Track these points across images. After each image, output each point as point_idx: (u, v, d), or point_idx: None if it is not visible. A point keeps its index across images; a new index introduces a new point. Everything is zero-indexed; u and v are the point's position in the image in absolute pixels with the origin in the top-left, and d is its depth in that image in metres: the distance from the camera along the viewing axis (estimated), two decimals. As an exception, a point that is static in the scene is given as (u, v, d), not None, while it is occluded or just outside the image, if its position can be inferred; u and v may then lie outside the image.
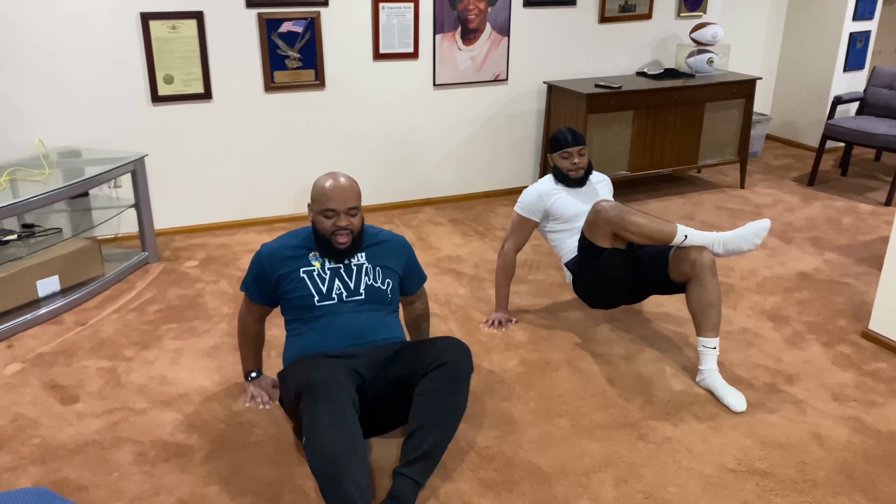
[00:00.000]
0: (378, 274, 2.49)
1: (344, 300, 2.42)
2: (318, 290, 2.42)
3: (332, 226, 2.37)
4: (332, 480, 1.94)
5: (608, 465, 2.31)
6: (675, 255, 2.76)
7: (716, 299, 2.69)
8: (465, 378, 2.24)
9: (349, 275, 2.45)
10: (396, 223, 4.41)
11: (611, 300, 3.01)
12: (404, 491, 2.05)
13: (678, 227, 2.69)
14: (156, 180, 4.07)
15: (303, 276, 2.42)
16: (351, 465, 1.96)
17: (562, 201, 3.09)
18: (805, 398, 2.67)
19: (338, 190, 2.37)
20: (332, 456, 1.96)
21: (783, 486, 2.22)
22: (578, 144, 3.09)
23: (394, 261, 2.55)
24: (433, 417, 2.14)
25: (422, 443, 2.11)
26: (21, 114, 3.72)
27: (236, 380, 2.77)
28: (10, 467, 2.29)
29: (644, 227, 2.71)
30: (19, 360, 2.90)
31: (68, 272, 3.37)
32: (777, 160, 5.68)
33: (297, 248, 2.46)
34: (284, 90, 4.17)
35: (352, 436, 2.02)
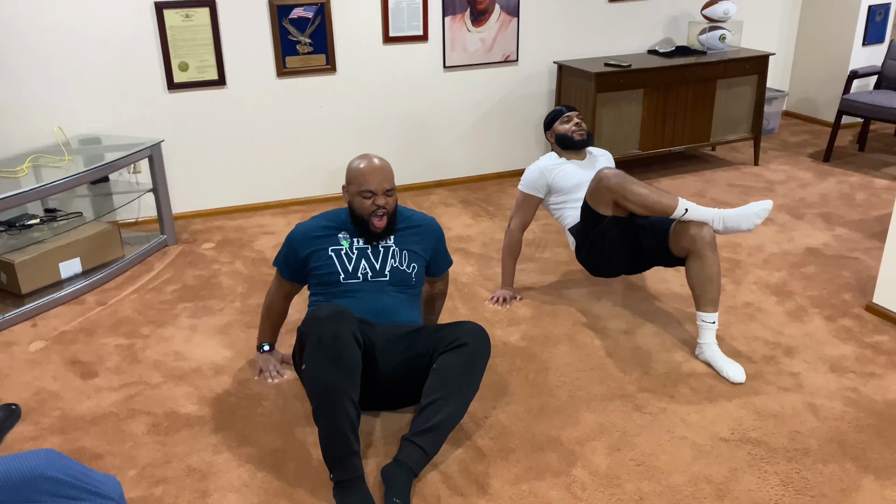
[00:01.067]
0: (404, 258, 2.56)
1: (368, 279, 2.51)
2: (345, 269, 2.51)
3: (372, 205, 2.46)
4: (325, 408, 2.07)
5: (602, 434, 2.37)
6: (676, 229, 2.79)
7: (715, 275, 2.72)
8: (483, 360, 2.30)
9: (376, 256, 2.54)
10: (409, 205, 4.48)
11: (611, 268, 3.04)
12: (411, 457, 2.12)
13: (679, 201, 2.71)
14: (173, 165, 4.19)
15: (331, 254, 2.52)
16: (343, 396, 2.06)
17: (563, 173, 3.14)
18: (803, 370, 2.69)
19: (374, 171, 2.46)
20: (328, 386, 2.07)
21: (774, 454, 2.26)
22: (574, 109, 3.23)
23: (422, 246, 2.62)
24: (448, 392, 2.21)
25: (434, 415, 2.17)
26: (42, 103, 3.85)
27: (247, 355, 2.87)
28: (31, 437, 2.42)
29: (645, 198, 2.73)
30: (43, 337, 3.04)
31: (89, 254, 3.50)
32: (794, 136, 5.63)
33: (328, 228, 2.56)
34: (296, 75, 4.26)
35: (347, 369, 2.10)
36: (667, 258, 2.88)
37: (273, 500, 2.12)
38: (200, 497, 2.14)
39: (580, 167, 3.19)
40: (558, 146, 3.24)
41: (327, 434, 2.06)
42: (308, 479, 2.20)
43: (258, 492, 2.15)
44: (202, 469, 2.26)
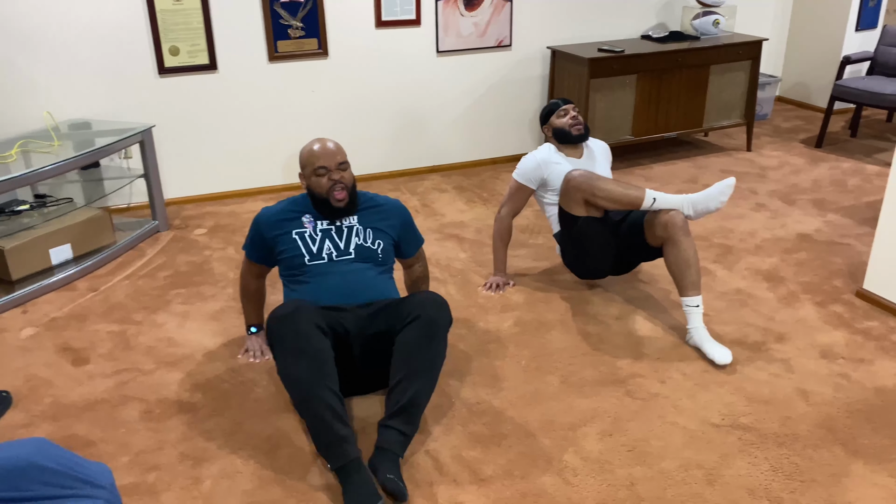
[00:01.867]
0: (369, 234, 2.58)
1: (334, 259, 2.53)
2: (309, 250, 2.53)
3: (328, 181, 2.49)
4: (303, 402, 2.10)
5: (594, 419, 2.39)
6: (648, 220, 2.86)
7: (692, 258, 2.76)
8: (441, 328, 2.30)
9: (339, 235, 2.56)
10: (402, 190, 4.47)
11: (596, 269, 3.10)
12: (389, 441, 2.14)
13: (647, 192, 2.79)
14: (165, 151, 4.16)
15: (294, 237, 2.54)
16: (319, 386, 2.10)
17: (560, 171, 3.13)
18: (794, 356, 2.71)
19: (324, 148, 2.51)
20: (300, 381, 2.11)
21: (764, 439, 2.28)
22: (569, 103, 3.20)
23: (386, 223, 2.64)
24: (411, 368, 2.23)
25: (403, 394, 2.19)
26: (31, 87, 3.81)
27: (240, 342, 2.87)
28: (23, 424, 2.42)
29: (612, 192, 2.81)
30: (34, 324, 3.02)
31: (80, 240, 3.48)
32: (787, 122, 5.64)
33: (292, 212, 2.59)
34: (288, 59, 4.22)
35: (317, 360, 2.13)
36: (647, 251, 2.95)
37: (266, 486, 2.13)
38: (193, 483, 2.14)
39: (576, 166, 3.18)
40: (556, 140, 3.23)
41: (313, 426, 2.09)
42: (301, 466, 2.20)
43: (251, 478, 2.16)
44: (195, 455, 2.26)
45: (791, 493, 2.07)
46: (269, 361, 2.73)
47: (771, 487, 2.09)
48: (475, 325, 2.95)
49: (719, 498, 2.05)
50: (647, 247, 2.90)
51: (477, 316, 3.02)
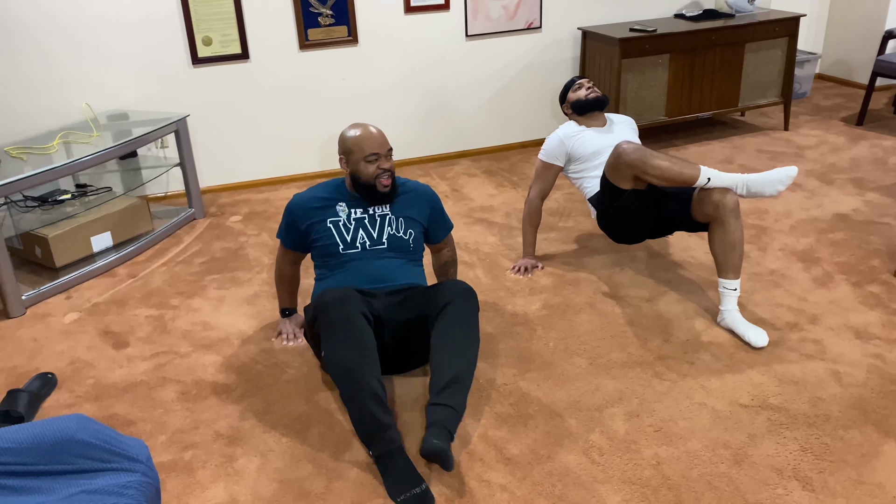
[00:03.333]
0: (401, 224, 2.61)
1: (367, 248, 2.56)
2: (343, 239, 2.56)
3: (377, 169, 2.52)
4: (350, 389, 2.12)
5: (621, 400, 2.39)
6: (699, 197, 2.75)
7: (738, 241, 2.69)
8: (471, 313, 2.34)
9: (373, 225, 2.59)
10: (432, 176, 4.49)
11: (633, 236, 3.04)
12: (439, 416, 2.11)
13: (702, 169, 2.67)
14: (199, 139, 4.25)
15: (329, 225, 2.58)
16: (364, 373, 2.12)
17: (582, 140, 3.13)
18: (826, 337, 2.67)
19: (374, 135, 2.54)
20: (348, 367, 2.13)
21: (794, 420, 2.26)
22: (583, 78, 3.24)
23: (417, 210, 2.67)
24: (452, 352, 2.24)
25: (447, 373, 2.19)
26: (69, 79, 3.93)
27: (273, 325, 2.93)
28: (67, 404, 2.52)
29: (666, 171, 2.69)
30: (76, 309, 3.13)
31: (120, 228, 3.58)
32: (827, 100, 5.50)
33: (326, 199, 2.62)
34: (318, 47, 4.27)
35: (363, 347, 2.17)
36: (690, 224, 2.85)
37: (297, 464, 2.19)
38: (227, 461, 2.21)
39: (599, 133, 3.17)
40: (575, 114, 3.22)
41: (357, 413, 2.11)
42: (332, 444, 2.26)
43: (283, 456, 2.22)
44: (229, 434, 2.33)
45: (820, 472, 2.05)
46: (302, 344, 2.79)
47: (799, 467, 2.07)
48: (503, 308, 2.97)
49: (746, 478, 2.05)
50: (692, 221, 2.81)
51: (505, 299, 3.04)
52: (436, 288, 2.41)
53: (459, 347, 2.26)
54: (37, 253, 3.39)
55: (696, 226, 2.85)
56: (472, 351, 2.29)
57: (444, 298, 2.35)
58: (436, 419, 2.11)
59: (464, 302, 2.34)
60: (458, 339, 2.27)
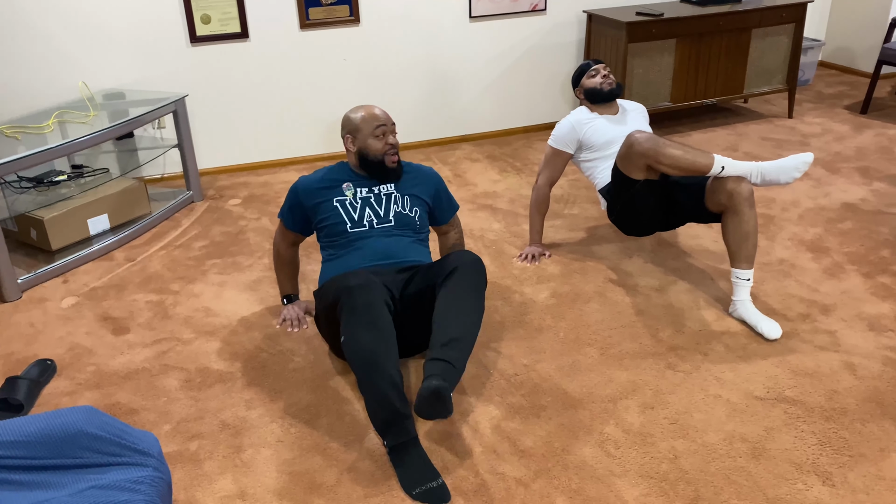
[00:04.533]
0: (407, 202, 2.61)
1: (374, 227, 2.56)
2: (350, 218, 2.55)
3: (385, 145, 2.54)
4: (368, 375, 2.06)
5: (635, 392, 2.35)
6: (713, 186, 2.70)
7: (752, 231, 2.64)
8: (478, 279, 2.30)
9: (379, 203, 2.58)
10: (434, 160, 4.42)
11: (644, 228, 3.00)
12: (437, 370, 2.03)
13: (715, 158, 2.62)
14: (198, 120, 4.15)
15: (336, 204, 2.57)
16: (385, 360, 2.07)
17: (594, 128, 3.08)
18: (840, 328, 2.64)
19: (378, 111, 2.57)
20: (368, 353, 2.08)
21: (811, 413, 2.23)
22: (600, 63, 3.15)
23: (421, 189, 2.67)
24: (456, 310, 2.20)
25: (449, 331, 2.14)
26: (65, 57, 3.82)
27: (277, 311, 2.87)
28: (68, 392, 2.45)
29: (679, 160, 2.63)
30: (74, 294, 3.06)
31: (117, 211, 3.50)
32: (830, 88, 5.46)
33: (331, 180, 2.62)
34: (320, 27, 4.17)
35: (385, 334, 2.12)
36: (703, 215, 2.81)
37: (307, 454, 2.14)
38: (235, 452, 2.16)
39: (612, 122, 3.11)
40: (588, 101, 3.17)
41: (374, 400, 2.05)
42: (341, 434, 2.21)
43: (291, 447, 2.17)
44: (236, 424, 2.27)
45: (839, 467, 2.03)
46: (306, 331, 2.73)
47: (818, 462, 2.05)
48: (510, 296, 2.93)
49: (765, 472, 2.02)
50: (705, 211, 2.77)
51: (512, 287, 2.99)
52: (444, 258, 2.39)
53: (464, 310, 2.22)
54: (32, 235, 3.30)
55: (709, 216, 2.80)
56: (476, 316, 2.25)
57: (451, 264, 2.33)
58: (434, 371, 2.04)
59: (472, 268, 2.32)
60: (464, 301, 2.24)
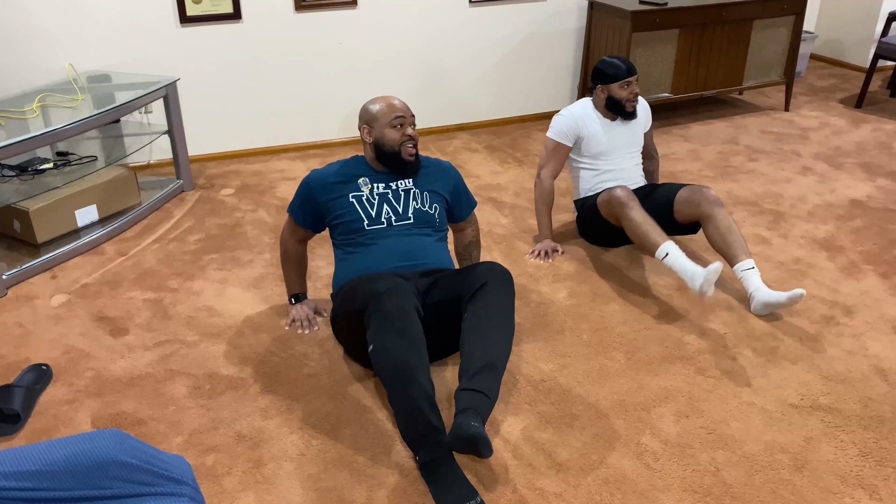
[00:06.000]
0: (425, 198, 2.49)
1: (392, 224, 2.43)
2: (368, 214, 2.42)
3: (403, 135, 2.42)
4: (400, 387, 1.95)
5: (668, 399, 2.28)
6: (680, 199, 2.88)
7: (731, 225, 2.78)
8: (507, 296, 2.20)
9: (397, 199, 2.45)
10: (432, 150, 4.29)
11: (612, 243, 3.15)
12: (471, 401, 1.93)
13: (662, 246, 2.70)
14: (186, 105, 3.96)
15: (352, 200, 2.44)
16: (418, 371, 1.96)
17: (593, 134, 3.05)
18: (865, 331, 2.60)
19: (398, 102, 2.44)
20: (400, 363, 1.96)
21: (848, 421, 2.19)
22: (635, 74, 3.01)
23: (440, 184, 2.56)
24: (486, 334, 2.08)
25: (480, 358, 2.03)
26: (48, 36, 3.59)
27: (284, 311, 2.74)
28: (67, 400, 2.29)
29: (634, 228, 2.78)
30: (64, 291, 2.88)
31: (106, 201, 3.31)
32: (821, 81, 5.46)
33: (346, 175, 2.48)
34: (315, 9, 4.00)
35: (417, 343, 2.01)
36: (674, 228, 2.96)
37: (332, 468, 2.02)
38: (255, 467, 2.03)
39: (610, 132, 3.06)
40: (605, 105, 3.04)
41: (407, 413, 1.94)
42: (367, 446, 2.10)
43: (315, 461, 2.05)
44: (253, 436, 2.14)
45: (885, 479, 1.98)
46: (318, 333, 2.60)
47: (863, 474, 2.00)
48: (528, 296, 2.83)
49: (810, 485, 1.97)
50: (676, 225, 2.94)
51: (528, 286, 2.89)
52: (471, 269, 2.26)
53: (495, 332, 2.10)
54: (15, 227, 3.10)
55: (680, 229, 2.97)
56: (507, 337, 2.13)
57: (479, 279, 2.20)
58: (468, 405, 1.93)
59: (500, 284, 2.20)
60: (493, 323, 2.12)
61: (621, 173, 3.08)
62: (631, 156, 3.12)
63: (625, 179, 3.09)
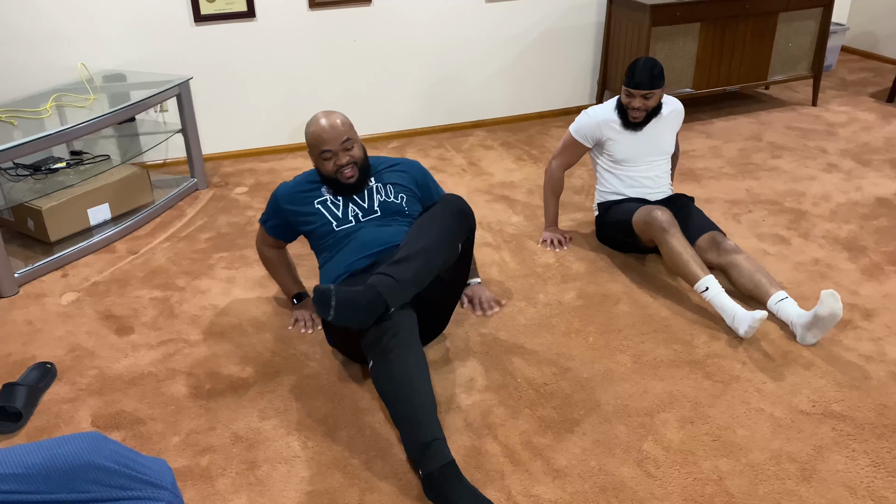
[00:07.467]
0: (390, 191, 2.51)
1: (361, 220, 2.44)
2: (335, 216, 2.44)
3: (334, 166, 2.40)
4: (401, 402, 1.93)
5: (672, 404, 2.22)
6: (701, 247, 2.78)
7: (757, 263, 2.66)
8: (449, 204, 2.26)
9: (361, 198, 2.48)
10: (447, 147, 4.25)
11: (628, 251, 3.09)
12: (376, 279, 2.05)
13: (704, 279, 2.57)
14: (201, 103, 3.97)
15: (318, 207, 2.46)
16: (420, 383, 1.95)
17: (618, 141, 2.95)
18: (884, 336, 2.51)
19: (326, 129, 2.38)
20: (403, 377, 1.95)
21: (861, 430, 2.10)
22: (643, 88, 2.81)
23: (405, 179, 2.57)
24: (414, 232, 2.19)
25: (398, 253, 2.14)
26: (63, 36, 3.63)
27: (288, 310, 2.73)
28: (69, 399, 2.31)
29: (673, 258, 2.64)
30: (74, 289, 2.91)
31: (118, 199, 3.34)
32: (852, 74, 5.29)
33: (310, 183, 2.52)
34: (330, 6, 3.98)
35: (418, 356, 2.01)
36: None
37: (326, 472, 2.00)
38: (249, 468, 2.02)
39: (637, 137, 2.94)
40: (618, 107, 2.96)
41: (410, 423, 1.90)
42: (362, 448, 2.07)
43: (310, 463, 2.03)
44: (249, 437, 2.13)
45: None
46: (321, 332, 2.59)
47: (874, 485, 1.92)
48: (535, 296, 2.78)
49: (817, 496, 1.89)
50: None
51: (536, 287, 2.84)
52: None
53: (424, 233, 2.17)
54: (29, 226, 3.14)
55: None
56: (434, 239, 2.16)
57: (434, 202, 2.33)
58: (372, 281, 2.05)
59: (446, 203, 2.27)
60: (428, 226, 2.20)
61: (646, 181, 2.97)
62: (657, 163, 2.97)
63: (649, 188, 2.97)
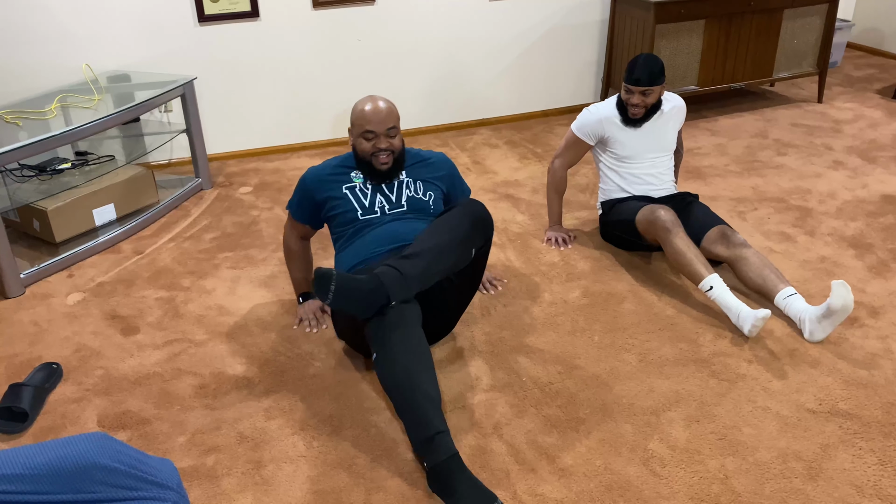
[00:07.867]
0: (419, 187, 2.51)
1: (386, 212, 2.45)
2: (361, 205, 2.44)
3: (373, 147, 2.39)
4: (405, 395, 1.93)
5: (678, 403, 2.21)
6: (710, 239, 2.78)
7: (765, 258, 2.65)
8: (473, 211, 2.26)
9: (390, 189, 2.48)
10: (451, 146, 4.25)
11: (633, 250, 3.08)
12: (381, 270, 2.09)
13: (708, 278, 2.57)
14: (206, 103, 3.98)
15: (345, 192, 2.46)
16: (423, 378, 1.95)
17: (617, 139, 2.94)
18: (891, 334, 2.50)
19: (376, 112, 2.37)
20: (406, 366, 1.96)
21: (868, 428, 2.09)
22: (641, 85, 2.80)
23: (435, 175, 2.57)
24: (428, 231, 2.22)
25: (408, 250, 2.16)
26: (67, 37, 3.64)
27: (293, 309, 2.73)
28: (75, 399, 2.31)
29: (678, 257, 2.64)
30: (80, 289, 2.91)
31: (124, 200, 3.35)
32: (858, 71, 5.27)
33: (340, 168, 2.51)
34: (333, 6, 3.98)
35: (422, 349, 2.01)
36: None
37: (332, 472, 2.00)
38: (254, 468, 2.03)
39: (639, 134, 2.94)
40: (618, 102, 2.96)
41: (415, 416, 1.91)
42: (368, 448, 2.08)
43: (315, 463, 2.03)
44: (254, 437, 2.14)
45: (904, 491, 1.89)
46: (326, 332, 2.59)
47: (881, 484, 1.91)
48: (540, 295, 2.78)
49: (823, 495, 1.88)
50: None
51: (541, 286, 2.84)
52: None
53: (437, 232, 2.19)
54: (35, 226, 3.15)
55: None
56: (447, 239, 2.18)
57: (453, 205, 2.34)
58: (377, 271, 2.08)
59: (467, 206, 2.28)
60: (442, 226, 2.21)
61: (649, 178, 2.96)
62: (659, 160, 2.97)
63: (653, 185, 2.96)
